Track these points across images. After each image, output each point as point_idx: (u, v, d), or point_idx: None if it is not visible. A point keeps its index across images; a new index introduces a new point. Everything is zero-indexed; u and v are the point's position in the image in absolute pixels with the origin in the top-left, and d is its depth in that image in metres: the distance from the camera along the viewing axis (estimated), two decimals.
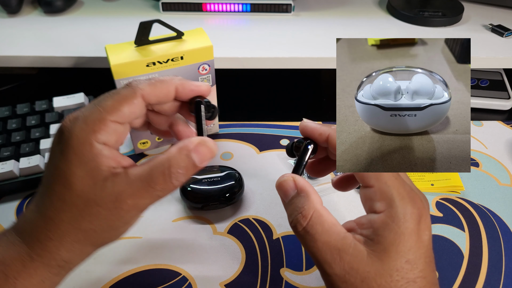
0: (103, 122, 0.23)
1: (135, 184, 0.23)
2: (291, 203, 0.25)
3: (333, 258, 0.23)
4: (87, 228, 0.23)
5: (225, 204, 0.37)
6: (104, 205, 0.23)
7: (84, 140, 0.23)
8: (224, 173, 0.38)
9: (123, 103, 0.24)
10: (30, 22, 0.53)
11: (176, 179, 0.23)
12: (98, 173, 0.23)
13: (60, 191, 0.23)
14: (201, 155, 0.24)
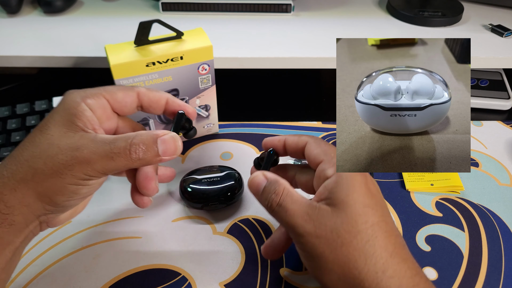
0: (97, 94, 0.27)
1: (97, 143, 0.25)
2: (264, 191, 0.28)
3: (304, 220, 0.26)
4: (38, 167, 0.24)
5: (224, 204, 0.37)
6: (64, 150, 0.25)
7: (74, 100, 0.26)
8: (224, 173, 0.38)
9: (120, 90, 0.28)
10: (30, 22, 0.53)
11: (134, 151, 0.25)
12: (73, 125, 0.25)
13: (34, 135, 0.26)
14: (165, 145, 0.26)
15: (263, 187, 0.28)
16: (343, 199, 0.25)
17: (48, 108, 0.44)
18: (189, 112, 0.31)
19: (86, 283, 0.32)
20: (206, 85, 0.42)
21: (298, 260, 0.34)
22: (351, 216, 0.25)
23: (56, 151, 0.25)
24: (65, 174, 0.25)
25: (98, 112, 0.27)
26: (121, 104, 0.29)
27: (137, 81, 0.38)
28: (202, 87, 0.42)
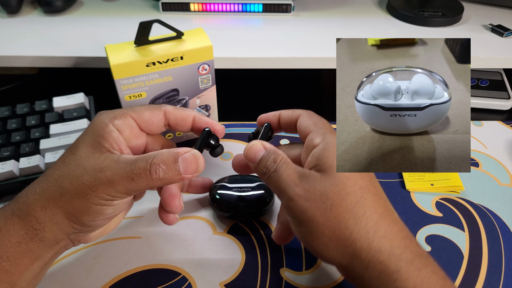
0: (124, 115, 0.29)
1: (120, 164, 0.26)
2: (262, 160, 0.28)
3: (294, 183, 0.26)
4: (66, 187, 0.26)
5: (253, 217, 0.37)
6: (89, 170, 0.26)
7: (103, 121, 0.28)
8: (256, 184, 0.37)
9: (147, 110, 0.30)
10: (30, 22, 0.53)
11: (155, 171, 0.26)
12: (99, 146, 0.27)
13: (66, 155, 0.27)
14: (186, 163, 0.27)
15: (260, 155, 0.29)
16: (331, 164, 0.26)
17: (48, 108, 0.44)
18: (216, 129, 0.32)
19: (86, 283, 0.32)
20: (206, 85, 0.42)
21: (298, 260, 0.34)
22: (340, 179, 0.26)
23: (82, 172, 0.26)
24: (89, 195, 0.26)
25: (125, 132, 0.29)
26: (148, 123, 0.30)
27: (137, 81, 0.38)
28: (202, 87, 0.42)
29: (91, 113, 0.46)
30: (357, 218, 0.25)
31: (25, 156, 0.40)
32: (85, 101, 0.46)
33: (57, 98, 0.45)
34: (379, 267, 0.24)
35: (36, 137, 0.41)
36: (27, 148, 0.40)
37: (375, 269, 0.24)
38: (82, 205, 0.26)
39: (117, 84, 0.37)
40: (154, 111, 0.30)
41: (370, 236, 0.25)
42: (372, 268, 0.24)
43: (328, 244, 0.25)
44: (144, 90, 0.39)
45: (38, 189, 0.26)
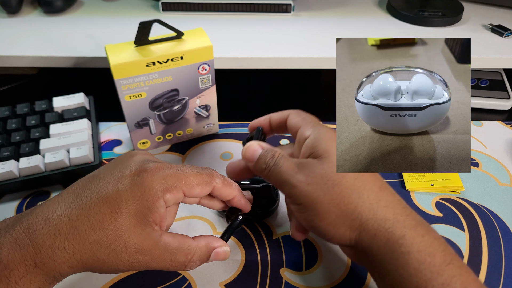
0: (177, 189, 0.26)
1: (160, 250, 0.26)
2: (261, 157, 0.30)
3: (295, 172, 0.28)
4: (101, 258, 0.24)
5: (257, 219, 0.37)
6: (130, 249, 0.25)
7: (156, 192, 0.25)
8: (260, 185, 0.37)
9: (199, 184, 0.27)
10: (30, 22, 0.53)
11: (190, 267, 0.27)
12: (144, 221, 0.25)
13: (104, 214, 0.24)
14: (216, 257, 0.28)
15: (258, 154, 0.30)
16: (325, 149, 0.28)
17: (48, 108, 0.44)
18: (245, 210, 0.31)
19: (86, 283, 0.32)
20: (206, 85, 0.42)
21: (298, 260, 0.34)
22: (335, 163, 0.27)
23: (122, 249, 0.25)
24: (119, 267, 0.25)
25: (171, 208, 0.28)
26: (195, 196, 0.28)
27: (137, 81, 0.38)
28: (202, 87, 0.42)
29: (91, 113, 0.46)
30: (359, 192, 0.26)
31: (25, 156, 0.40)
32: (85, 101, 0.46)
33: (57, 98, 0.45)
34: (385, 235, 0.25)
35: (36, 137, 0.41)
36: (27, 148, 0.40)
37: (382, 237, 0.25)
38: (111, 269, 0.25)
39: (117, 84, 0.37)
40: (205, 187, 0.28)
41: (374, 206, 0.26)
42: (379, 236, 0.25)
43: (335, 221, 0.26)
44: (144, 90, 0.39)
45: (68, 247, 0.24)
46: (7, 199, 0.39)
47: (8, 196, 0.39)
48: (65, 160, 0.39)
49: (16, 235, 0.24)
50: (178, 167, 0.27)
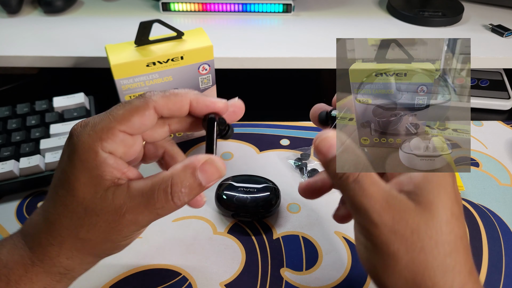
0: (111, 131, 0.23)
1: (135, 199, 0.22)
2: None
3: (382, 207, 0.22)
4: (85, 237, 0.23)
5: (257, 219, 0.37)
6: (102, 216, 0.23)
7: (90, 147, 0.22)
8: (262, 185, 0.37)
9: (134, 113, 0.23)
10: (30, 22, 0.53)
11: (178, 199, 0.23)
12: (101, 182, 0.23)
13: (63, 196, 0.23)
14: (207, 175, 0.23)
15: (335, 151, 0.24)
16: (431, 200, 0.22)
17: (48, 108, 0.44)
18: (220, 109, 0.26)
19: (86, 283, 0.32)
20: (207, 85, 0.42)
21: (298, 260, 0.34)
22: (438, 222, 0.22)
23: (95, 220, 0.23)
24: (114, 238, 0.24)
25: (119, 151, 0.23)
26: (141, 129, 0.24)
27: (137, 81, 0.38)
28: (202, 87, 0.42)
29: (91, 113, 0.46)
30: (446, 270, 0.22)
31: (25, 156, 0.40)
32: (85, 101, 0.46)
33: (57, 98, 0.45)
34: None
35: (36, 137, 0.41)
36: (27, 148, 0.40)
37: None
38: (109, 246, 0.24)
39: (117, 84, 0.37)
40: (143, 112, 0.23)
41: None
42: None
43: (401, 285, 0.22)
44: (144, 90, 0.39)
45: (54, 241, 0.23)
46: (7, 199, 0.39)
47: (8, 196, 0.39)
48: None
49: (15, 238, 0.25)
50: (105, 112, 0.24)
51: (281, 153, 0.44)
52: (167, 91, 0.25)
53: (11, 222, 0.37)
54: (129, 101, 0.24)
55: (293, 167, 0.43)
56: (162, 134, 0.26)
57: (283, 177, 0.41)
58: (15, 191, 0.39)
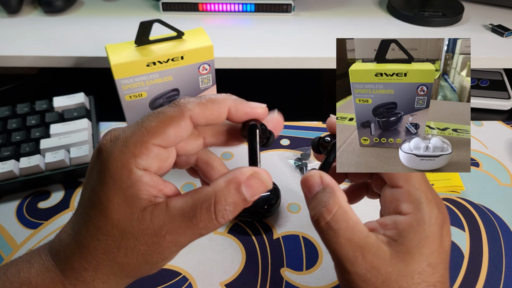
0: (144, 146, 0.21)
1: (176, 219, 0.21)
2: (315, 197, 0.23)
3: (355, 256, 0.22)
4: (122, 261, 0.22)
5: (257, 218, 0.37)
6: (141, 239, 0.21)
7: (123, 165, 0.21)
8: None
9: (168, 125, 0.21)
10: (30, 22, 0.53)
11: (222, 217, 0.21)
12: (137, 202, 0.21)
13: (95, 217, 0.21)
14: (253, 190, 0.21)
15: (315, 191, 0.24)
16: (410, 250, 0.22)
17: (48, 108, 0.44)
18: (260, 115, 0.24)
19: None
20: (207, 85, 0.42)
21: (298, 260, 0.34)
22: (410, 272, 0.22)
23: (134, 243, 0.21)
24: (155, 261, 0.22)
25: (154, 166, 0.21)
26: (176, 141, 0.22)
27: (137, 81, 0.38)
28: (202, 87, 0.42)
29: (91, 113, 0.46)
30: None
31: (25, 156, 0.40)
32: (85, 101, 0.46)
33: (57, 98, 0.45)
34: None
35: (36, 137, 0.41)
36: (28, 148, 0.40)
37: None
38: (149, 268, 0.22)
39: (118, 84, 0.37)
40: (179, 123, 0.21)
41: None
42: None
43: None
44: (145, 90, 0.39)
45: (88, 265, 0.22)
46: (7, 199, 0.39)
47: (8, 196, 0.39)
48: (65, 160, 0.39)
49: (44, 257, 0.23)
50: (136, 123, 0.22)
51: (281, 153, 0.44)
52: (203, 97, 0.23)
53: (11, 222, 0.37)
54: (162, 110, 0.22)
55: (293, 167, 0.43)
56: (195, 147, 0.25)
57: (283, 177, 0.41)
58: (15, 191, 0.39)
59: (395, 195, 0.24)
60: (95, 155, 0.22)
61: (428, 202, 0.23)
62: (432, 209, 0.22)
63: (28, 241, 0.36)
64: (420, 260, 0.22)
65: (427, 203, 0.23)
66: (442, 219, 0.23)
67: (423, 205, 0.22)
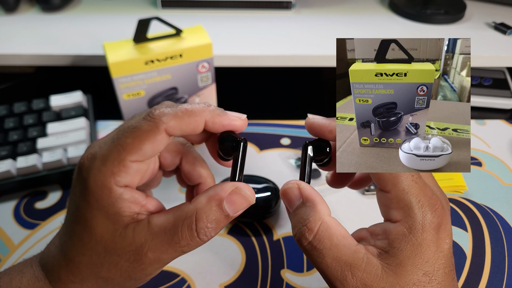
0: (122, 163, 0.21)
1: (157, 237, 0.21)
2: (296, 213, 0.22)
3: (344, 275, 0.20)
4: (106, 276, 0.22)
5: (257, 219, 0.37)
6: (123, 255, 0.21)
7: (103, 184, 0.21)
8: (262, 185, 0.37)
9: (144, 141, 0.21)
10: (27, 20, 0.53)
11: (204, 235, 0.21)
12: (119, 219, 0.21)
13: (80, 233, 0.22)
14: (235, 206, 0.21)
15: (295, 205, 0.23)
16: (402, 261, 0.20)
17: (45, 106, 0.44)
18: (237, 128, 0.24)
19: None
20: (206, 83, 0.41)
21: (299, 261, 0.34)
22: (404, 285, 0.20)
23: (116, 259, 0.21)
24: (138, 276, 0.22)
25: (134, 182, 0.22)
26: (153, 155, 0.22)
27: (135, 79, 0.37)
28: (201, 85, 0.41)
29: (89, 112, 0.45)
30: None
31: (22, 156, 0.39)
32: (82, 99, 0.45)
33: (54, 96, 0.45)
34: None
35: (33, 136, 0.41)
36: (25, 147, 0.40)
37: None
38: (134, 283, 0.22)
39: (115, 82, 0.37)
40: (154, 137, 0.21)
41: None
42: None
43: None
44: (143, 88, 0.38)
45: (74, 278, 0.22)
46: (4, 199, 0.39)
47: (5, 196, 0.39)
48: (63, 160, 0.39)
49: (34, 267, 0.23)
50: (111, 137, 0.22)
51: (282, 153, 0.44)
52: (180, 108, 0.22)
53: (8, 223, 0.37)
54: (137, 125, 0.21)
55: (294, 166, 0.42)
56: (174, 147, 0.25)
57: (283, 177, 0.41)
58: (12, 191, 0.39)
59: (384, 200, 0.22)
60: (76, 173, 0.22)
61: (420, 206, 0.21)
62: (424, 214, 0.21)
63: (26, 241, 0.35)
64: (414, 271, 0.20)
65: (418, 207, 0.21)
66: (437, 222, 0.21)
67: (414, 211, 0.21)
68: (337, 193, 0.39)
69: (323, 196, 0.29)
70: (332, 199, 0.39)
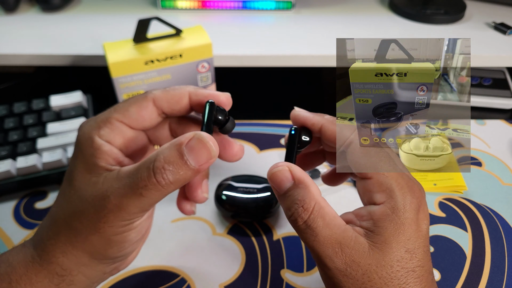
0: (108, 120, 0.23)
1: (121, 181, 0.21)
2: (289, 195, 0.23)
3: (335, 252, 0.22)
4: (76, 226, 0.22)
5: (257, 219, 0.37)
6: (91, 201, 0.22)
7: (88, 136, 0.23)
8: (262, 185, 0.37)
9: (132, 104, 0.24)
10: (27, 20, 0.53)
11: (160, 176, 0.21)
12: (94, 168, 0.22)
13: (64, 187, 0.23)
14: (195, 153, 0.21)
15: (286, 188, 0.23)
16: (387, 239, 0.22)
17: (45, 106, 0.44)
18: (221, 100, 0.25)
19: None
20: (206, 83, 0.41)
21: (299, 261, 0.34)
22: (389, 261, 0.22)
23: (86, 206, 0.22)
24: (102, 228, 0.22)
25: (117, 141, 0.24)
26: (138, 120, 0.24)
27: (135, 79, 0.37)
28: (201, 86, 0.41)
29: (89, 112, 0.45)
30: None
31: (22, 156, 0.39)
32: (82, 99, 0.45)
33: (54, 96, 0.45)
34: None
35: (33, 136, 0.41)
36: (24, 147, 0.40)
37: None
38: (100, 241, 0.22)
39: (115, 82, 0.37)
40: (141, 103, 0.24)
41: None
42: None
43: None
44: (143, 88, 0.38)
45: (51, 233, 0.23)
46: (4, 199, 0.39)
47: (5, 196, 0.39)
48: (62, 160, 0.39)
49: (26, 242, 0.24)
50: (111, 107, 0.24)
51: (282, 153, 0.44)
52: (166, 88, 0.25)
53: (8, 223, 0.37)
54: (132, 97, 0.25)
55: None
56: (166, 134, 0.26)
57: None
58: (12, 191, 0.39)
59: (367, 186, 0.24)
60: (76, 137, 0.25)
61: (400, 188, 0.23)
62: (405, 195, 0.23)
63: None
64: (397, 248, 0.22)
65: (399, 189, 0.23)
66: (416, 203, 0.23)
67: (395, 193, 0.23)
68: (337, 193, 0.40)
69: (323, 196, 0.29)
70: (332, 199, 0.39)
